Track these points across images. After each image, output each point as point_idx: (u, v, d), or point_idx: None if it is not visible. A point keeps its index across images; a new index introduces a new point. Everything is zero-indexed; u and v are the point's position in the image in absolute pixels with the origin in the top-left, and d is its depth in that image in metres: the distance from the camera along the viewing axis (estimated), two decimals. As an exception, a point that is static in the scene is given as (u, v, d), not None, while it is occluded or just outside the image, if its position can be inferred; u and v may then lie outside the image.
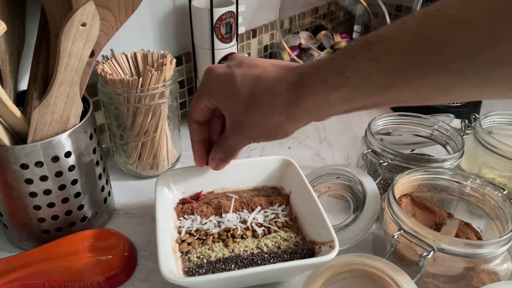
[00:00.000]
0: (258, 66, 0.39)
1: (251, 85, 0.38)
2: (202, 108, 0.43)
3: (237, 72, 0.39)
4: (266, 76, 0.37)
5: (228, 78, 0.39)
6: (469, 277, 0.41)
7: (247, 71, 0.39)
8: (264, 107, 0.37)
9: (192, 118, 0.45)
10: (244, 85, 0.38)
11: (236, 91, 0.38)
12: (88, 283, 0.44)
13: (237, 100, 0.39)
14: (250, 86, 0.38)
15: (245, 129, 0.40)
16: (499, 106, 0.86)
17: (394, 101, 0.32)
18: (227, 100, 0.40)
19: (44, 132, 0.43)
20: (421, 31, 0.28)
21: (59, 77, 0.41)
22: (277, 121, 0.37)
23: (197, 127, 0.46)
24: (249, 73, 0.38)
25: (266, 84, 0.37)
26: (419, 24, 0.28)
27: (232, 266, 0.43)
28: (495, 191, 0.46)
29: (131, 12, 0.45)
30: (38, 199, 0.45)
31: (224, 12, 0.64)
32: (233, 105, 0.39)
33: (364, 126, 0.59)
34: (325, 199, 0.57)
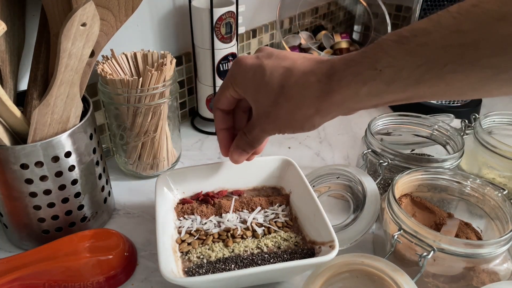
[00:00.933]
0: (287, 58, 0.38)
1: (281, 77, 0.37)
2: (228, 97, 0.43)
3: (267, 63, 0.39)
4: (296, 68, 0.37)
5: (258, 69, 0.39)
6: (469, 277, 0.41)
7: (277, 63, 0.38)
8: (293, 99, 0.37)
9: (217, 106, 0.45)
10: (274, 77, 0.38)
11: (265, 83, 0.38)
12: (88, 283, 0.44)
13: (266, 91, 0.38)
14: (280, 78, 0.38)
15: (272, 121, 0.39)
16: (499, 106, 0.86)
17: (425, 95, 0.32)
18: (255, 92, 0.40)
19: (44, 132, 0.43)
20: (458, 26, 0.28)
21: (59, 77, 0.41)
22: (306, 114, 0.37)
23: (222, 115, 0.46)
24: (278, 65, 0.38)
25: (296, 76, 0.37)
26: (455, 19, 0.28)
27: (232, 266, 0.43)
28: (495, 191, 0.46)
29: (131, 12, 0.45)
30: (38, 199, 0.45)
31: (224, 12, 0.64)
32: (262, 97, 0.39)
33: (364, 126, 0.59)
34: (325, 199, 0.57)
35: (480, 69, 0.28)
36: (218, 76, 0.70)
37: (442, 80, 0.30)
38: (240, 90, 0.41)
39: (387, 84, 0.32)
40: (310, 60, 0.38)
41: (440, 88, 0.30)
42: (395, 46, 0.31)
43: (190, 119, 0.79)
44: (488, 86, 0.29)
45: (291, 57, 0.39)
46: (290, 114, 0.38)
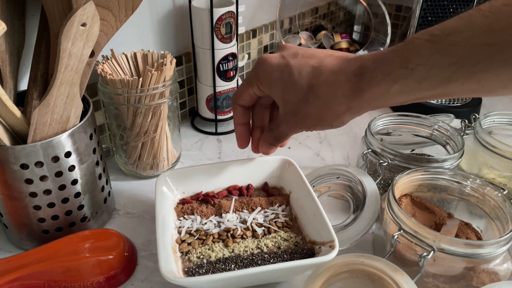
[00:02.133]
0: (314, 57, 0.39)
1: (309, 76, 0.38)
2: (250, 94, 0.44)
3: (293, 62, 0.39)
4: (325, 67, 0.37)
5: (285, 69, 0.39)
6: (469, 277, 0.41)
7: (304, 61, 0.38)
8: (323, 98, 0.37)
9: (237, 102, 0.46)
10: (302, 76, 0.38)
11: (293, 82, 0.38)
12: (88, 283, 0.44)
13: (294, 91, 0.39)
14: (308, 77, 0.38)
15: (301, 119, 0.40)
16: (499, 106, 0.86)
17: (455, 92, 0.32)
18: (283, 91, 0.40)
19: (44, 132, 0.43)
20: (489, 25, 0.28)
21: (59, 77, 0.41)
22: (336, 112, 0.37)
23: (242, 111, 0.46)
24: (306, 63, 0.38)
25: (325, 75, 0.37)
26: (487, 18, 0.28)
27: (232, 266, 0.43)
28: (495, 191, 0.46)
29: (131, 12, 0.45)
30: (38, 199, 0.45)
31: (224, 12, 0.64)
32: (290, 96, 0.39)
33: (364, 126, 0.59)
34: (325, 199, 0.57)
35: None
36: (218, 76, 0.70)
37: (473, 78, 0.30)
38: (265, 89, 0.42)
39: (418, 82, 0.32)
40: (337, 58, 0.37)
41: (470, 86, 0.30)
42: (427, 45, 0.31)
43: (190, 119, 0.79)
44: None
45: (318, 55, 0.39)
46: (319, 112, 0.38)
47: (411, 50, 0.32)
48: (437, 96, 0.33)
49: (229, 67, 0.70)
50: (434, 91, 0.32)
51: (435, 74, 0.31)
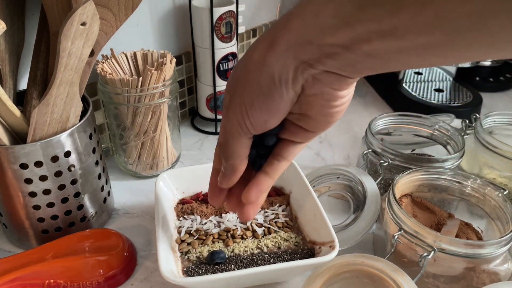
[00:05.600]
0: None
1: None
2: (222, 123, 0.33)
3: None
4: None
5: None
6: (469, 278, 0.41)
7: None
8: (252, 45, 0.28)
9: (218, 141, 0.35)
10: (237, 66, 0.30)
11: (236, 64, 0.30)
12: (88, 283, 0.44)
13: (233, 71, 0.30)
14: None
15: (232, 93, 0.30)
16: (500, 106, 0.86)
17: (407, 31, 0.22)
18: (229, 81, 0.31)
19: (43, 131, 0.43)
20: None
21: (58, 77, 0.40)
22: (259, 56, 0.27)
23: (219, 150, 0.35)
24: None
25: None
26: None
27: (232, 266, 0.43)
28: (496, 191, 0.46)
29: (131, 11, 0.45)
30: (37, 199, 0.45)
31: (224, 11, 0.64)
32: (229, 81, 0.31)
33: (364, 126, 0.59)
34: (325, 199, 0.57)
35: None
36: (218, 76, 0.70)
37: (431, 3, 0.21)
38: (226, 95, 0.32)
39: (357, 5, 0.23)
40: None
41: (425, 20, 0.21)
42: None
43: (190, 119, 0.79)
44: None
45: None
46: (245, 64, 0.28)
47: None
48: (385, 38, 0.23)
49: (229, 67, 0.70)
50: (379, 25, 0.23)
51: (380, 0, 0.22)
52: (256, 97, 0.28)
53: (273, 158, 0.34)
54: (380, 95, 0.89)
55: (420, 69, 0.92)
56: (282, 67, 0.26)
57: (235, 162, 0.32)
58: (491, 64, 0.92)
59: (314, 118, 0.30)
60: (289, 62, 0.26)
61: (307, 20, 0.25)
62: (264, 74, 0.27)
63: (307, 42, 0.25)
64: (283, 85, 0.27)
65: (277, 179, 0.34)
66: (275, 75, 0.27)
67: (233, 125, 0.30)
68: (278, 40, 0.26)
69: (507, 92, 0.92)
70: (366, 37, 0.23)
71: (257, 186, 0.33)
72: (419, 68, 0.25)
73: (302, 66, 0.26)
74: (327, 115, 0.29)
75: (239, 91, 0.29)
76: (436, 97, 0.81)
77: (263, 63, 0.27)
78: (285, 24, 0.26)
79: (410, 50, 0.23)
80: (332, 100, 0.28)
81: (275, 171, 0.34)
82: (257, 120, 0.29)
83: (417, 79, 0.88)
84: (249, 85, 0.28)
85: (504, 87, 0.93)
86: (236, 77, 0.29)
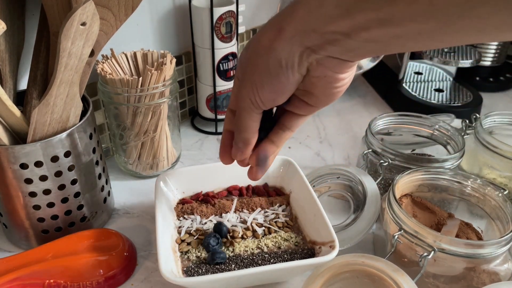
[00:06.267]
0: None
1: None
2: (234, 92, 0.37)
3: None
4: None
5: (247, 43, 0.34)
6: (469, 278, 0.41)
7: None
8: (259, 31, 0.31)
9: (228, 106, 0.39)
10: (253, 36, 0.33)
11: (245, 47, 0.33)
12: (88, 283, 0.44)
13: (243, 53, 0.33)
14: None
15: (243, 74, 0.33)
16: (500, 106, 0.86)
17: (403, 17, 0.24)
18: (240, 61, 0.34)
19: (43, 131, 0.43)
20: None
21: (58, 77, 0.40)
22: (267, 41, 0.29)
23: (230, 115, 0.38)
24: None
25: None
26: None
27: (232, 266, 0.43)
28: (496, 191, 0.46)
29: (131, 11, 0.45)
30: (37, 199, 0.45)
31: (224, 11, 0.64)
32: (240, 62, 0.33)
33: (364, 126, 0.59)
34: (325, 199, 0.57)
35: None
36: (218, 76, 0.70)
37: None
38: (238, 74, 0.35)
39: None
40: None
41: (420, 8, 0.23)
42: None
43: (190, 119, 0.79)
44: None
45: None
46: (254, 48, 0.31)
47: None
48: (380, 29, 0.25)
49: (229, 67, 0.70)
50: (378, 13, 0.24)
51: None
52: (265, 78, 0.31)
53: (278, 128, 0.37)
54: (380, 95, 0.89)
55: (420, 69, 0.92)
56: (289, 53, 0.29)
57: (248, 135, 0.35)
58: (491, 64, 0.92)
59: (317, 95, 0.32)
60: (295, 49, 0.28)
61: (311, 10, 0.27)
62: (272, 59, 0.29)
63: (311, 30, 0.27)
64: (289, 69, 0.29)
65: (281, 148, 0.39)
66: (282, 60, 0.29)
67: (245, 101, 0.33)
68: (285, 28, 0.28)
69: (507, 92, 0.92)
70: (365, 25, 0.25)
71: (263, 151, 0.37)
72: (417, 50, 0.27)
73: (307, 52, 0.28)
74: (329, 95, 0.32)
75: (250, 71, 0.31)
76: (436, 97, 0.81)
77: (271, 48, 0.29)
78: (291, 12, 0.28)
79: (406, 35, 0.25)
80: (334, 82, 0.31)
81: (280, 139, 0.37)
82: (267, 98, 0.32)
83: (417, 79, 0.88)
84: (259, 67, 0.30)
85: (504, 87, 0.93)
86: (248, 57, 0.32)
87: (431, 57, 0.81)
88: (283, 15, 0.29)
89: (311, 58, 0.29)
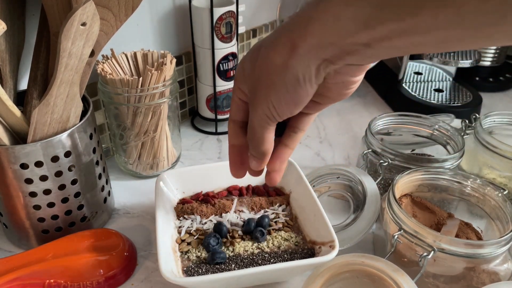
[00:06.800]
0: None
1: (262, 40, 0.32)
2: (236, 101, 0.36)
3: (255, 44, 0.33)
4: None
5: (248, 52, 0.33)
6: (469, 277, 0.41)
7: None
8: (268, 45, 0.30)
9: (229, 117, 0.37)
10: (256, 45, 0.32)
11: (249, 54, 0.32)
12: (88, 283, 0.44)
13: (249, 61, 0.32)
14: (261, 40, 0.32)
15: (256, 90, 0.32)
16: (499, 106, 0.86)
17: (429, 29, 0.23)
18: (244, 70, 0.33)
19: (44, 131, 0.43)
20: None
21: (59, 77, 0.40)
22: (281, 59, 0.29)
23: (234, 127, 0.37)
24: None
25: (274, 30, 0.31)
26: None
27: (232, 266, 0.43)
28: (496, 191, 0.46)
29: (131, 11, 0.45)
30: (37, 199, 0.45)
31: (224, 11, 0.64)
32: (247, 69, 0.32)
33: (364, 126, 0.59)
34: (325, 199, 0.57)
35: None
36: (218, 76, 0.70)
37: (452, 2, 0.21)
38: (240, 83, 0.34)
39: (377, 7, 0.24)
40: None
41: (447, 19, 0.22)
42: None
43: (190, 119, 0.79)
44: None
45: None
46: (266, 65, 0.30)
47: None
48: (402, 38, 0.24)
49: (229, 67, 0.70)
50: (401, 24, 0.23)
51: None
52: (282, 96, 0.30)
53: (290, 130, 0.37)
54: (380, 95, 0.89)
55: (420, 69, 0.92)
56: (306, 68, 0.28)
57: (266, 147, 0.35)
58: (491, 64, 0.92)
59: (330, 97, 0.33)
60: (312, 63, 0.28)
61: (327, 24, 0.26)
62: (289, 76, 0.29)
63: (329, 44, 0.27)
64: (307, 83, 0.29)
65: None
66: (300, 76, 0.29)
67: (261, 118, 0.33)
68: (300, 44, 0.27)
69: (507, 92, 0.93)
70: (387, 35, 0.24)
71: (279, 158, 0.38)
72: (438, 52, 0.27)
73: (324, 64, 0.28)
74: (342, 95, 0.33)
75: (263, 88, 0.31)
76: (436, 97, 0.81)
77: (286, 66, 0.28)
78: (305, 27, 0.27)
79: (430, 42, 0.24)
80: (350, 84, 0.31)
81: (294, 142, 0.38)
82: (284, 112, 0.32)
83: (417, 79, 0.88)
84: (274, 86, 0.30)
85: (504, 87, 0.93)
86: (258, 73, 0.31)
87: (431, 57, 0.81)
88: (294, 30, 0.28)
89: (329, 69, 0.28)
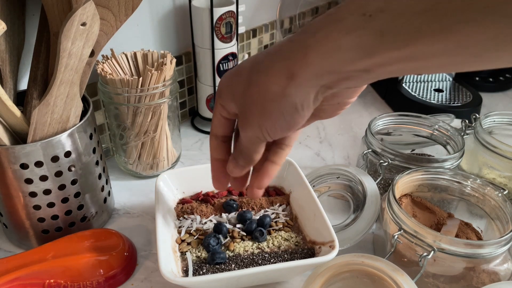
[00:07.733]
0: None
1: (251, 61, 0.32)
2: (219, 118, 0.36)
3: (242, 63, 0.33)
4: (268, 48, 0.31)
5: (234, 71, 0.33)
6: (469, 277, 0.41)
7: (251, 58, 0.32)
8: (262, 71, 0.29)
9: (211, 132, 0.37)
10: (245, 66, 0.32)
11: (238, 75, 0.32)
12: (88, 283, 0.44)
13: (238, 82, 0.32)
14: (250, 61, 0.32)
15: (248, 114, 0.31)
16: (499, 106, 0.86)
17: (429, 55, 0.23)
18: (232, 90, 0.33)
19: (44, 131, 0.43)
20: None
21: (59, 77, 0.41)
22: (278, 88, 0.28)
23: (216, 142, 0.37)
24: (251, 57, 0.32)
25: (267, 49, 0.30)
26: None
27: (232, 266, 0.43)
28: (495, 191, 0.46)
29: (131, 11, 0.45)
30: (38, 199, 0.45)
31: (224, 11, 0.64)
32: (236, 91, 0.32)
33: (364, 126, 0.59)
34: (325, 199, 0.57)
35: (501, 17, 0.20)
36: (218, 76, 0.70)
37: (449, 32, 0.22)
38: (222, 101, 0.34)
39: (379, 35, 0.24)
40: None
41: (447, 46, 0.22)
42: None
43: (190, 119, 0.79)
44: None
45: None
46: (260, 92, 0.30)
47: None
48: (406, 62, 0.24)
49: (229, 67, 0.70)
50: (401, 52, 0.24)
51: (401, 25, 0.23)
52: (277, 122, 0.30)
53: (277, 147, 0.37)
54: (380, 95, 0.89)
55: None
56: (304, 96, 0.28)
57: (256, 158, 0.35)
58: (491, 64, 0.92)
59: (322, 116, 0.33)
60: (310, 90, 0.28)
61: (327, 53, 0.26)
62: (286, 104, 0.29)
63: (327, 72, 0.26)
64: (305, 109, 0.29)
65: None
66: (297, 104, 0.28)
67: (252, 139, 0.33)
68: (298, 73, 0.27)
69: (507, 92, 0.93)
70: (386, 62, 0.25)
71: (267, 175, 0.38)
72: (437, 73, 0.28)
73: (322, 89, 0.28)
74: (334, 114, 0.33)
75: (256, 114, 0.31)
76: (436, 97, 0.82)
77: (283, 94, 0.28)
78: (304, 56, 0.27)
79: (430, 67, 0.25)
80: (344, 105, 0.32)
81: (281, 158, 0.37)
82: (278, 135, 0.32)
83: (417, 79, 0.88)
84: (270, 114, 0.30)
85: (504, 87, 0.93)
86: (249, 101, 0.31)
87: (431, 57, 0.81)
88: (291, 58, 0.28)
89: (326, 93, 0.28)
